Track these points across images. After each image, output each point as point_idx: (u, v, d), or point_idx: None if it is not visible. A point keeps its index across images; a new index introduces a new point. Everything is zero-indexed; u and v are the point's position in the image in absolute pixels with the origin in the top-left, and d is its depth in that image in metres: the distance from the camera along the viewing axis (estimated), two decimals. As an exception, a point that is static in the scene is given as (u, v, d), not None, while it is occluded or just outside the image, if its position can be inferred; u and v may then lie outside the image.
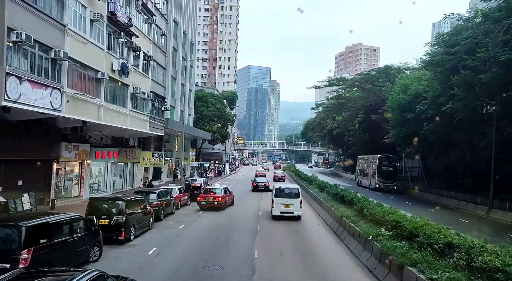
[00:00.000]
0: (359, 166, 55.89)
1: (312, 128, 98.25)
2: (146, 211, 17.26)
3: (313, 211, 25.53)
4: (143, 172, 39.02)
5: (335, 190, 23.32)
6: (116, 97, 25.16)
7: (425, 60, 32.63)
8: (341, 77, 61.11)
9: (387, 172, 45.70)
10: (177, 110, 49.22)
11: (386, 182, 45.14)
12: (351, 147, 70.01)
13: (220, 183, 33.80)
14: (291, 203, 21.57)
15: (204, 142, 63.94)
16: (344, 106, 63.61)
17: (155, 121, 32.58)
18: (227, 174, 69.58)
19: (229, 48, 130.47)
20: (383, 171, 45.81)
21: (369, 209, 15.46)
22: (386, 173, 45.67)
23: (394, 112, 39.96)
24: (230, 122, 66.44)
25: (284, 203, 21.67)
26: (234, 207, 27.11)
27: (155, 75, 33.35)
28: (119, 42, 25.03)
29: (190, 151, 42.93)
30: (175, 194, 25.24)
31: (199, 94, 61.90)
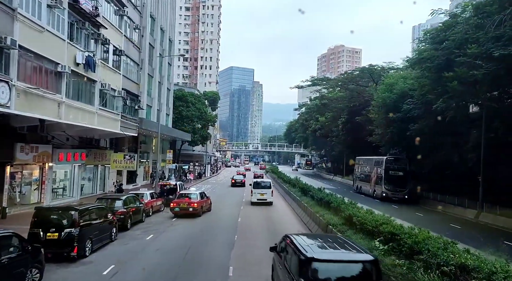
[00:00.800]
0: (358, 169, 47.74)
1: (295, 129, 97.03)
2: (107, 220, 15.16)
3: (296, 217, 23.80)
4: (116, 175, 36.66)
5: (319, 194, 21.66)
6: (81, 94, 22.88)
7: (412, 57, 31.40)
8: (325, 76, 59.93)
9: (396, 177, 36.71)
10: (154, 110, 46.91)
11: (395, 190, 36.35)
12: (334, 149, 68.84)
13: (196, 188, 31.76)
14: (264, 192, 29.29)
15: (184, 143, 61.73)
16: (327, 106, 62.42)
17: (127, 121, 30.32)
18: (208, 177, 67.43)
19: (210, 48, 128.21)
20: (392, 177, 36.83)
21: (359, 217, 13.77)
22: (395, 179, 36.69)
23: (379, 112, 38.74)
24: (211, 123, 64.35)
25: (260, 193, 29.30)
26: (211, 213, 25.16)
27: (127, 71, 31.12)
28: (84, 33, 22.77)
29: (167, 153, 40.68)
30: (146, 199, 23.13)
31: (178, 94, 59.66)
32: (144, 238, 16.82)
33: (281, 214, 25.28)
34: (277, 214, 25.19)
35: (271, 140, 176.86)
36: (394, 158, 38.43)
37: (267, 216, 24.15)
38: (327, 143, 74.40)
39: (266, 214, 25.03)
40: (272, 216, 24.44)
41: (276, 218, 23.74)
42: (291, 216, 24.54)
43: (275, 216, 24.31)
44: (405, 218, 22.33)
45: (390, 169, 37.19)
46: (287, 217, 23.97)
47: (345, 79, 51.86)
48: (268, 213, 25.36)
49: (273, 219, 23.04)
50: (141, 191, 24.23)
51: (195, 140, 59.35)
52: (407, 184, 36.43)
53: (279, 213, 25.51)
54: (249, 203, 28.79)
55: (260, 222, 22.00)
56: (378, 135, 39.91)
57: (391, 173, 36.97)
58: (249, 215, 24.34)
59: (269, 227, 20.33)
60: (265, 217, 23.94)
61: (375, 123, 40.23)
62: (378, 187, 38.46)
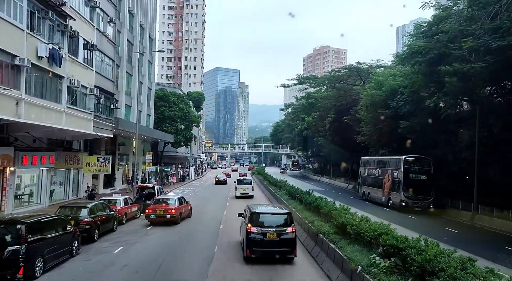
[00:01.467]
0: (364, 172, 39.33)
1: (281, 130, 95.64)
2: (67, 233, 13.20)
3: None
4: (91, 179, 34.43)
5: (308, 198, 19.97)
6: (45, 91, 20.77)
7: (403, 52, 30.08)
8: (311, 75, 58.36)
9: (418, 182, 29.56)
10: (134, 110, 44.75)
11: (417, 199, 29.15)
12: (321, 149, 67.54)
13: (178, 191, 29.77)
14: (246, 188, 35.83)
15: (167, 145, 59.52)
16: (314, 106, 61.00)
17: (101, 121, 28.21)
18: (192, 179, 65.34)
19: (195, 47, 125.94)
20: (413, 181, 29.54)
21: (353, 226, 12.13)
22: (418, 184, 29.51)
23: (367, 110, 37.42)
24: (195, 123, 62.31)
25: (242, 188, 35.78)
26: (191, 220, 23.26)
27: (102, 68, 29.00)
28: (48, 24, 20.67)
29: (146, 155, 38.57)
30: (120, 206, 21.14)
31: (160, 94, 57.49)
32: (112, 252, 14.86)
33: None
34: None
35: (258, 141, 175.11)
36: (415, 158, 30.59)
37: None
38: (314, 143, 73.10)
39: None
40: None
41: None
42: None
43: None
44: (399, 222, 20.89)
45: (411, 171, 29.96)
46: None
47: (332, 78, 50.46)
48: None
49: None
50: (114, 197, 22.15)
51: (178, 142, 57.30)
52: (431, 190, 29.48)
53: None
54: (232, 210, 26.93)
55: (244, 230, 20.11)
56: (367, 135, 38.51)
57: (412, 176, 29.77)
58: (232, 221, 22.46)
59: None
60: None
61: (364, 122, 38.87)
62: (395, 194, 30.80)
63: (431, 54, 23.87)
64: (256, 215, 13.61)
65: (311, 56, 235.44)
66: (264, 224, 13.26)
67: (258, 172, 64.90)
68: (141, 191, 26.26)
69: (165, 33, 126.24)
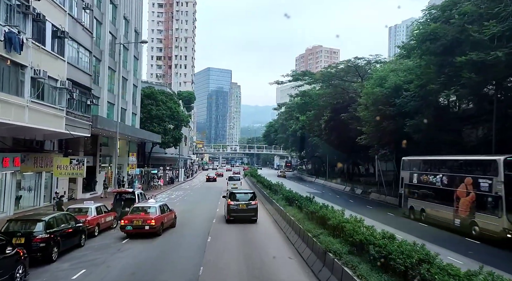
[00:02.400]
0: (411, 178, 26.91)
1: (274, 130, 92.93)
2: (6, 256, 10.24)
3: (282, 236, 18.72)
4: (67, 183, 31.34)
5: (310, 206, 17.10)
6: (1, 81, 17.75)
7: (411, 41, 27.42)
8: (307, 70, 55.48)
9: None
10: (117, 108, 41.67)
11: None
12: (316, 149, 64.95)
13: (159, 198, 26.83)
14: (236, 183, 43.82)
15: (155, 145, 56.50)
16: (309, 104, 58.33)
17: (76, 118, 25.17)
18: (181, 181, 62.25)
19: (185, 46, 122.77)
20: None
21: (377, 246, 9.35)
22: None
23: (367, 108, 34.82)
24: (184, 123, 59.30)
25: (233, 183, 43.04)
26: (175, 230, 20.33)
27: (76, 59, 25.98)
28: (4, 2, 17.66)
29: (130, 156, 35.50)
30: (91, 215, 18.15)
31: (147, 92, 54.40)
32: (70, 277, 11.90)
33: (263, 233, 19.91)
34: (258, 234, 19.80)
35: (250, 142, 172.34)
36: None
37: (244, 238, 18.80)
38: (309, 143, 70.54)
39: (244, 233, 19.83)
40: (252, 237, 19.06)
41: (257, 240, 18.38)
42: (276, 235, 19.33)
43: (255, 238, 18.93)
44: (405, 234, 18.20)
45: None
46: (271, 238, 18.68)
47: (329, 74, 47.76)
48: (247, 233, 20.13)
49: (253, 242, 18.00)
50: (85, 205, 19.13)
51: (167, 142, 54.22)
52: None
53: (260, 233, 20.03)
54: (223, 218, 24.02)
55: (236, 246, 16.98)
56: (366, 135, 35.87)
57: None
58: (222, 233, 19.66)
59: (245, 252, 15.62)
60: (243, 238, 18.72)
61: (364, 121, 36.27)
62: (485, 217, 19.16)
63: (443, 41, 21.23)
64: (233, 194, 22.72)
65: (303, 56, 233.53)
66: (238, 199, 22.20)
67: (251, 174, 62.00)
68: (119, 197, 23.18)
69: (155, 31, 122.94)
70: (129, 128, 40.73)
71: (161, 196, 39.24)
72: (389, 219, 25.73)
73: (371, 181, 50.19)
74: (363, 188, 46.91)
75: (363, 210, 28.78)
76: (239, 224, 21.50)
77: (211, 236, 18.44)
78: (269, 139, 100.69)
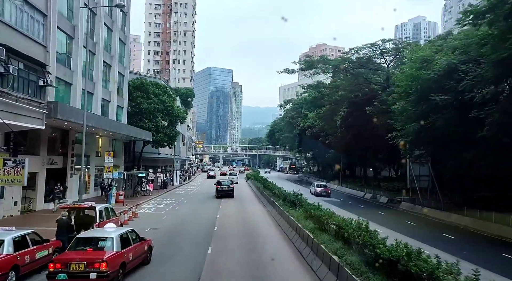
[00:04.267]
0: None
1: (279, 129, 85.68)
2: None
3: (302, 265, 12.31)
4: (20, 189, 24.21)
5: (353, 231, 9.97)
6: None
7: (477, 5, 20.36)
8: (323, 56, 47.84)
9: None
10: (97, 98, 34.72)
11: None
12: (327, 150, 57.77)
13: (119, 216, 19.85)
14: (234, 178, 58.75)
15: (147, 145, 49.50)
16: (320, 100, 51.13)
17: (19, 103, 18.13)
18: (176, 185, 55.08)
19: (184, 40, 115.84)
20: None
21: None
22: None
23: (407, 99, 27.72)
24: (180, 120, 52.14)
25: (232, 178, 53.73)
26: (148, 270, 13.12)
27: (19, 20, 18.92)
28: None
29: (106, 156, 28.40)
30: (5, 252, 11.01)
31: (137, 83, 47.42)
32: None
33: (275, 264, 13.58)
34: (267, 265, 13.44)
35: (252, 142, 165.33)
36: None
37: (250, 268, 12.87)
38: (318, 143, 63.42)
39: (248, 262, 13.64)
40: (261, 265, 13.24)
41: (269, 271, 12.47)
42: (291, 264, 13.19)
43: (266, 268, 12.98)
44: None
45: None
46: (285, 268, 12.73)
47: (349, 60, 40.21)
48: (253, 262, 13.80)
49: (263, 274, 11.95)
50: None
51: (159, 141, 47.16)
52: None
53: (267, 262, 13.81)
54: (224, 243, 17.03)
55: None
56: (407, 132, 28.64)
57: None
58: (219, 269, 12.68)
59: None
60: (247, 268, 12.85)
61: (401, 117, 29.18)
62: None
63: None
64: (220, 181, 39.86)
65: (307, 55, 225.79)
66: (223, 184, 38.54)
67: (255, 177, 54.84)
68: (67, 216, 15.70)
69: (152, 25, 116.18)
70: (110, 123, 33.69)
71: (147, 205, 32.18)
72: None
73: (395, 187, 43.10)
74: (388, 195, 39.75)
75: (408, 230, 21.77)
76: (242, 254, 14.57)
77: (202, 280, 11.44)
78: (273, 139, 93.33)
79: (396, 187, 40.56)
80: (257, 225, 22.31)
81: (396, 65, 38.26)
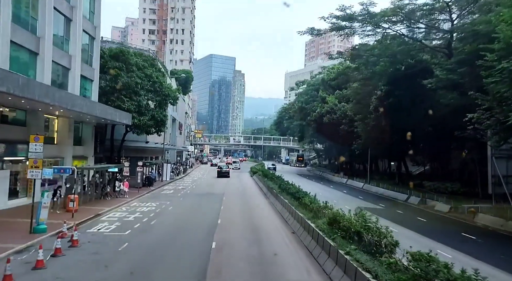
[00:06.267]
0: None
1: (289, 116, 74.89)
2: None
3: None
4: None
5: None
6: None
7: None
8: (366, 8, 35.29)
9: None
10: (45, 61, 24.19)
11: None
12: (355, 139, 47.14)
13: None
14: (236, 165, 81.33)
15: (129, 131, 38.98)
16: (357, 69, 40.09)
17: None
18: (166, 181, 44.60)
19: (183, 18, 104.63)
20: None
21: None
22: None
23: None
24: (171, 100, 41.56)
25: (235, 166, 79.42)
26: None
27: None
28: None
29: (31, 143, 17.80)
30: None
31: (114, 51, 36.77)
32: None
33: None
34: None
35: (255, 133, 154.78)
36: None
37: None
38: (339, 132, 52.91)
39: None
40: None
41: None
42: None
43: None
44: None
45: None
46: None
47: (403, 10, 28.85)
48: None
49: None
50: None
51: (142, 125, 36.63)
52: None
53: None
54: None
55: None
56: (504, 112, 18.16)
57: None
58: None
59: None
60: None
61: (496, 89, 18.61)
62: None
63: None
64: (219, 166, 59.38)
65: (314, 41, 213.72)
66: (222, 168, 56.54)
67: (263, 173, 44.43)
68: None
69: (147, 0, 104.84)
70: (67, 98, 23.12)
71: (111, 216, 21.72)
72: None
73: (447, 189, 32.73)
74: (449, 202, 29.12)
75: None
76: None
77: None
78: (281, 128, 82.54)
79: (460, 190, 30.03)
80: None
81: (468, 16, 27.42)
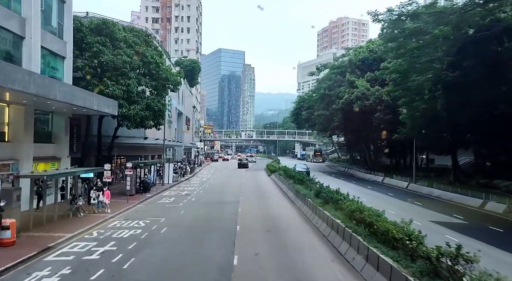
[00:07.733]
0: None
1: (307, 106, 66.39)
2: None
3: None
4: None
5: None
6: None
7: None
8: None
9: None
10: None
11: None
12: (395, 128, 38.66)
13: None
14: (252, 159, 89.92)
15: (122, 126, 31.07)
16: (407, 37, 31.56)
17: None
18: (168, 185, 36.60)
19: (188, 4, 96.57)
20: None
21: None
22: None
23: None
24: (171, 85, 33.55)
25: (250, 159, 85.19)
26: None
27: None
28: None
29: None
30: None
31: (96, 22, 28.86)
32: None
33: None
34: None
35: (267, 127, 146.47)
36: None
37: None
38: (372, 121, 44.42)
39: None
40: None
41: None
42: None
43: None
44: None
45: None
46: None
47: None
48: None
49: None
50: None
51: (133, 116, 28.71)
52: None
53: None
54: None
55: None
56: None
57: None
58: None
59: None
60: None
61: None
62: None
63: None
64: (239, 159, 78.25)
65: (326, 30, 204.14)
66: (242, 160, 71.88)
67: (286, 172, 36.28)
68: None
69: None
70: (13, 73, 15.19)
71: (62, 252, 13.88)
72: None
73: None
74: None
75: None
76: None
77: None
78: (299, 119, 74.13)
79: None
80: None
81: None
